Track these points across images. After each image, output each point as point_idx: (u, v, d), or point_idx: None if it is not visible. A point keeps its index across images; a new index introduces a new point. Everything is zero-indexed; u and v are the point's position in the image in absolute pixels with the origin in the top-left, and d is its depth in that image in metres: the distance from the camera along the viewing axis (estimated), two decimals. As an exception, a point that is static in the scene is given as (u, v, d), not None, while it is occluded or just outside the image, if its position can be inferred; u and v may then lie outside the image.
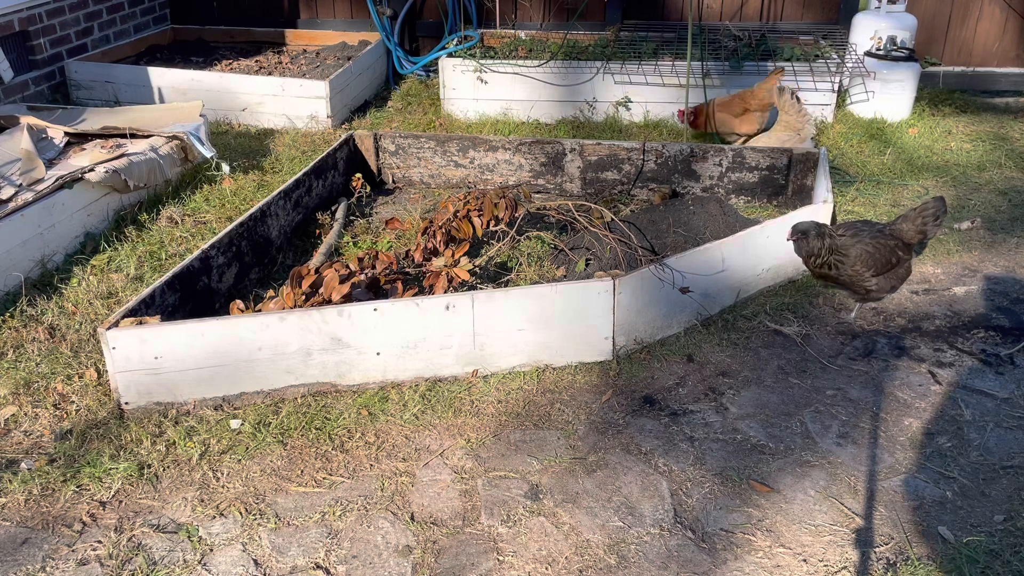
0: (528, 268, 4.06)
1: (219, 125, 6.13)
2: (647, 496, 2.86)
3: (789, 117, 5.24)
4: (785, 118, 5.27)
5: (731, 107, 5.50)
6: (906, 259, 3.72)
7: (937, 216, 3.70)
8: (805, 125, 5.21)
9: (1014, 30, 6.82)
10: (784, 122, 5.27)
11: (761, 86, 5.41)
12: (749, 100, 5.44)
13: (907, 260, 3.73)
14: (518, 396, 3.35)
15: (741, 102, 5.47)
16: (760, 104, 5.42)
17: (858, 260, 3.62)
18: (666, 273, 3.56)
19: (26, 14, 6.14)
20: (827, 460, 3.02)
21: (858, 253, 3.62)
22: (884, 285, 3.70)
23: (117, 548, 2.66)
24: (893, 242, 3.66)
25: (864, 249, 3.62)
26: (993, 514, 2.77)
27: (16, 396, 3.32)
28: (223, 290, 3.87)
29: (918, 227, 3.69)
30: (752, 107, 5.43)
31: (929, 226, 3.70)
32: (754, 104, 5.42)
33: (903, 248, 3.69)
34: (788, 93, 5.20)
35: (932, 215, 3.69)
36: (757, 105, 5.42)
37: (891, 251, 3.65)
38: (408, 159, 5.26)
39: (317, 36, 7.58)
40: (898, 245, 3.67)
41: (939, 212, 3.71)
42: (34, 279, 4.07)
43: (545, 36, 6.85)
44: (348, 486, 2.92)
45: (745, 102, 5.46)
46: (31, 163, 4.39)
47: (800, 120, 5.20)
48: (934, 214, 3.69)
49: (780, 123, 5.29)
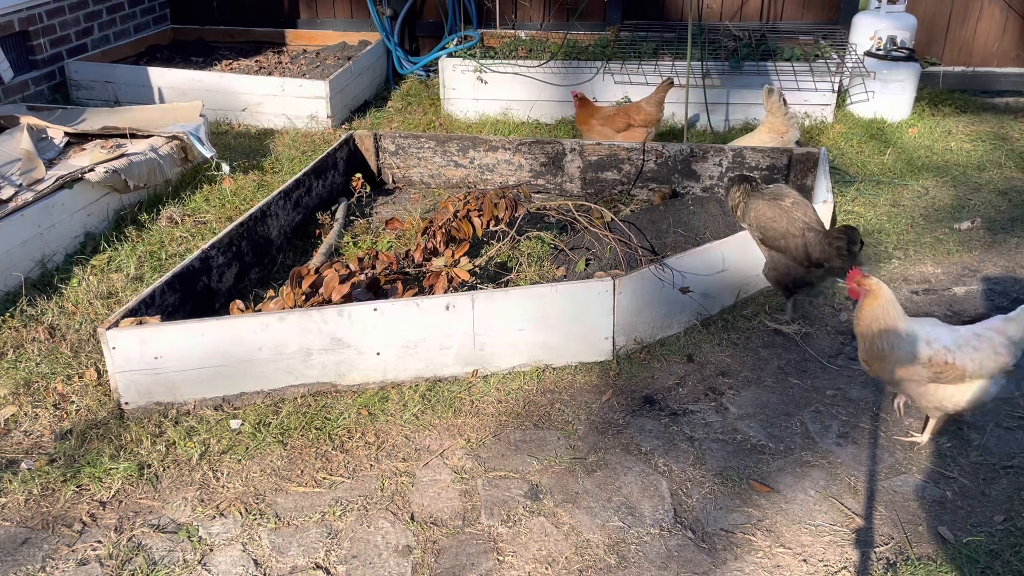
0: (528, 268, 4.06)
1: (219, 125, 6.13)
2: (647, 496, 2.86)
3: (775, 120, 5.07)
4: (771, 120, 5.10)
5: (614, 122, 5.26)
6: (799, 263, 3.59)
7: (841, 248, 3.49)
8: (790, 129, 5.06)
9: (1014, 30, 6.82)
10: (769, 124, 5.12)
11: (648, 100, 5.23)
12: (634, 115, 5.23)
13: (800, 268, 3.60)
14: (518, 396, 3.35)
15: (625, 117, 5.25)
16: (646, 119, 5.21)
17: (755, 222, 3.67)
18: (666, 273, 3.56)
19: (26, 14, 6.13)
20: (827, 460, 3.02)
21: (754, 215, 3.64)
22: (767, 265, 3.69)
23: (117, 548, 2.66)
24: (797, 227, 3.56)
25: (762, 213, 3.61)
26: (993, 514, 2.77)
27: (16, 396, 3.32)
28: (223, 290, 3.87)
29: (822, 245, 3.54)
30: (636, 123, 5.22)
31: (827, 251, 3.52)
32: (639, 119, 5.22)
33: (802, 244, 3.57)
34: (776, 95, 5.03)
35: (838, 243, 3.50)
36: (642, 120, 5.21)
37: (784, 233, 3.57)
38: (408, 159, 5.26)
39: (317, 36, 7.58)
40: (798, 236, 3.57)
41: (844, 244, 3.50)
42: (34, 279, 4.07)
43: (545, 36, 6.85)
44: (348, 486, 2.92)
45: (629, 117, 5.24)
46: (31, 163, 4.39)
47: (785, 123, 5.05)
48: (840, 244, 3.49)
49: (765, 125, 5.15)
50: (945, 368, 2.80)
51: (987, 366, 2.81)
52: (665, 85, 5.19)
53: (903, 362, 2.83)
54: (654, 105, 5.21)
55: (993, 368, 2.82)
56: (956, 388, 2.85)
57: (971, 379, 2.83)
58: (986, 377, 2.84)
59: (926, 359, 2.81)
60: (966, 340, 2.83)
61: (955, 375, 2.81)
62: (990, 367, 2.82)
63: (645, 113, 5.21)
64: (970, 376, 2.82)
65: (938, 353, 2.80)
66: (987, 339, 2.83)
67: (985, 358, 2.81)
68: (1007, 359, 2.82)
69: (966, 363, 2.80)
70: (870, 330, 2.88)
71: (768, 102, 5.08)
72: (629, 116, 5.24)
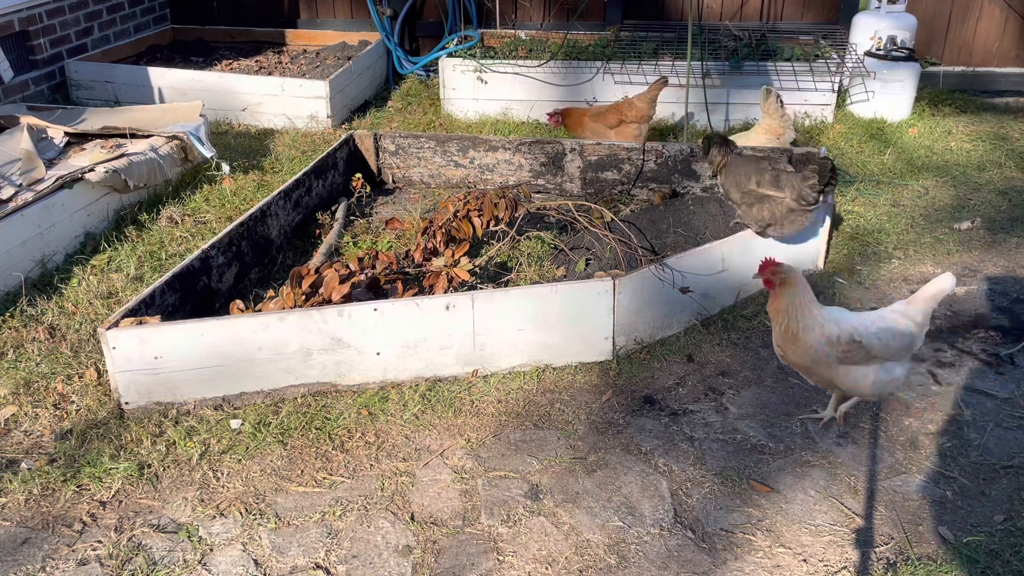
0: (528, 268, 4.06)
1: (219, 125, 6.13)
2: (647, 496, 2.86)
3: (772, 121, 5.09)
4: (767, 122, 5.12)
5: (606, 118, 5.27)
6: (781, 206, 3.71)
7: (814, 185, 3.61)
8: (786, 130, 5.08)
9: (1014, 30, 6.82)
10: (766, 126, 5.13)
11: (641, 97, 5.23)
12: (626, 112, 5.23)
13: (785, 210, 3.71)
14: (518, 396, 3.35)
15: (617, 113, 5.25)
16: (638, 116, 5.21)
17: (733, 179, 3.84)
18: (666, 273, 3.56)
19: (26, 14, 6.13)
20: (827, 460, 3.02)
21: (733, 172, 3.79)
22: (747, 215, 3.81)
23: (117, 548, 2.66)
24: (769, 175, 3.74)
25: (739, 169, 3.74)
26: (993, 514, 2.77)
27: (16, 396, 3.32)
28: (223, 290, 3.87)
29: (796, 189, 3.67)
30: (629, 119, 5.22)
31: (802, 190, 3.64)
32: (631, 116, 5.21)
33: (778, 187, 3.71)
34: (774, 96, 5.05)
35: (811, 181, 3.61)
36: (635, 117, 5.21)
37: (754, 176, 3.75)
38: (408, 159, 5.26)
39: (317, 36, 7.58)
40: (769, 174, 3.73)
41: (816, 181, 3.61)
42: (34, 279, 4.07)
43: (545, 36, 6.85)
44: (348, 486, 2.92)
45: (622, 113, 5.24)
46: (31, 163, 4.39)
47: (782, 125, 5.06)
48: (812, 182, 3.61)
49: (761, 126, 5.16)
50: (852, 347, 2.89)
51: (892, 346, 2.91)
52: (659, 83, 5.20)
53: (814, 344, 2.91)
54: (647, 102, 5.22)
55: (898, 348, 2.93)
56: (865, 369, 2.94)
57: (878, 360, 2.92)
58: (893, 358, 2.94)
59: (835, 338, 2.89)
60: (871, 321, 2.94)
61: (862, 355, 2.90)
62: (895, 347, 2.92)
63: (637, 110, 5.22)
64: (877, 356, 2.91)
65: (845, 332, 2.89)
66: (891, 320, 2.94)
67: (891, 339, 2.91)
68: (909, 340, 2.94)
69: (873, 343, 2.89)
70: (784, 314, 2.96)
71: (765, 103, 5.09)
72: (621, 112, 5.25)
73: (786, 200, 3.70)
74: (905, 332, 2.93)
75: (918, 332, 2.95)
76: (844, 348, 2.89)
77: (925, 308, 2.96)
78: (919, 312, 2.95)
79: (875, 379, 2.95)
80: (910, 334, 2.93)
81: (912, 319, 2.94)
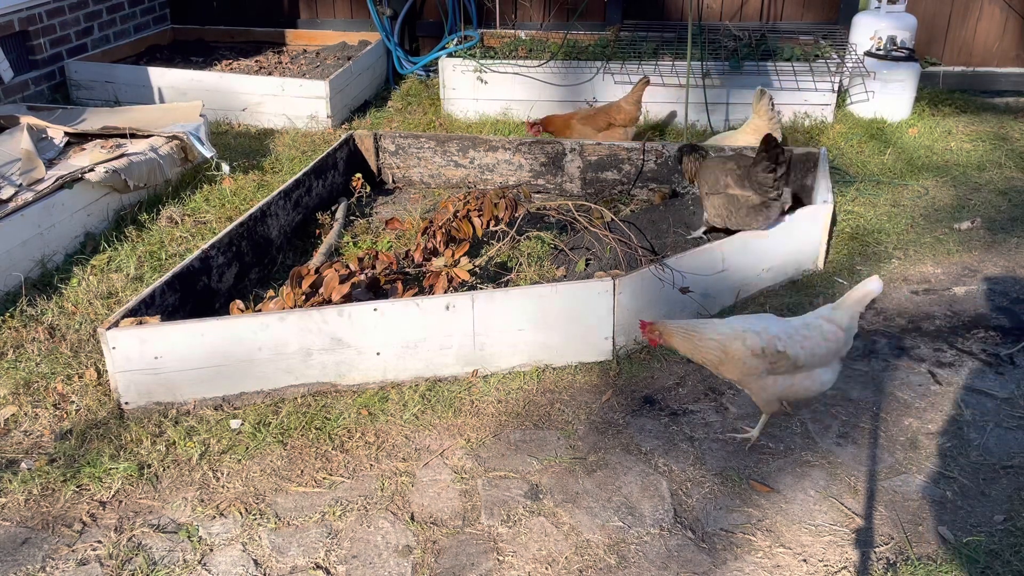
0: (528, 268, 4.06)
1: (219, 125, 6.13)
2: (647, 496, 2.86)
3: (760, 121, 5.10)
4: (756, 122, 5.13)
5: (595, 121, 5.29)
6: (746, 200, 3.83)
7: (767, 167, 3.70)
8: (774, 132, 5.00)
9: (1014, 30, 6.82)
10: (754, 126, 5.13)
11: (627, 99, 5.24)
12: (614, 115, 5.26)
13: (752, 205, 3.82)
14: (518, 396, 3.35)
15: (606, 116, 5.28)
16: (626, 119, 5.24)
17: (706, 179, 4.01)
18: (666, 273, 3.56)
19: (26, 14, 6.14)
20: (827, 460, 3.02)
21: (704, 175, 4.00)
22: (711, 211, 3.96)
23: (117, 548, 2.66)
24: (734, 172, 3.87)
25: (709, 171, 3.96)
26: (993, 514, 2.77)
27: (16, 396, 3.32)
28: (223, 290, 3.87)
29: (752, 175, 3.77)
30: (617, 122, 5.24)
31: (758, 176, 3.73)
32: (619, 119, 5.24)
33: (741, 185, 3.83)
34: (767, 98, 5.07)
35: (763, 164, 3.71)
36: (623, 120, 5.24)
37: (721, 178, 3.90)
38: (408, 159, 5.26)
39: (317, 36, 7.58)
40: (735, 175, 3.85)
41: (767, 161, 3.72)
42: (34, 279, 4.07)
43: (545, 36, 6.85)
44: (348, 486, 2.92)
45: (610, 116, 5.26)
46: (31, 163, 4.39)
47: (770, 126, 5.06)
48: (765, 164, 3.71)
49: (750, 126, 5.17)
50: (778, 357, 2.88)
51: (818, 353, 2.90)
52: (642, 83, 5.22)
53: (740, 359, 2.91)
54: (633, 104, 5.24)
55: (824, 355, 2.92)
56: (793, 378, 2.94)
57: (805, 367, 2.92)
58: (820, 365, 2.93)
59: (759, 350, 2.89)
60: (795, 329, 2.93)
61: (788, 364, 2.89)
62: (820, 354, 2.91)
63: (625, 113, 5.24)
64: (803, 364, 2.90)
65: (769, 343, 2.89)
66: (815, 327, 2.93)
67: (815, 346, 2.89)
68: (836, 345, 2.92)
69: (797, 351, 2.88)
70: (694, 356, 3.00)
71: (758, 104, 5.12)
72: (610, 116, 5.28)
73: (750, 195, 3.80)
74: (832, 338, 2.91)
75: (845, 336, 2.94)
76: (771, 360, 2.89)
77: (852, 312, 2.95)
78: (845, 316, 2.94)
79: (801, 387, 2.95)
80: (836, 339, 2.92)
81: (838, 324, 2.93)
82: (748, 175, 3.79)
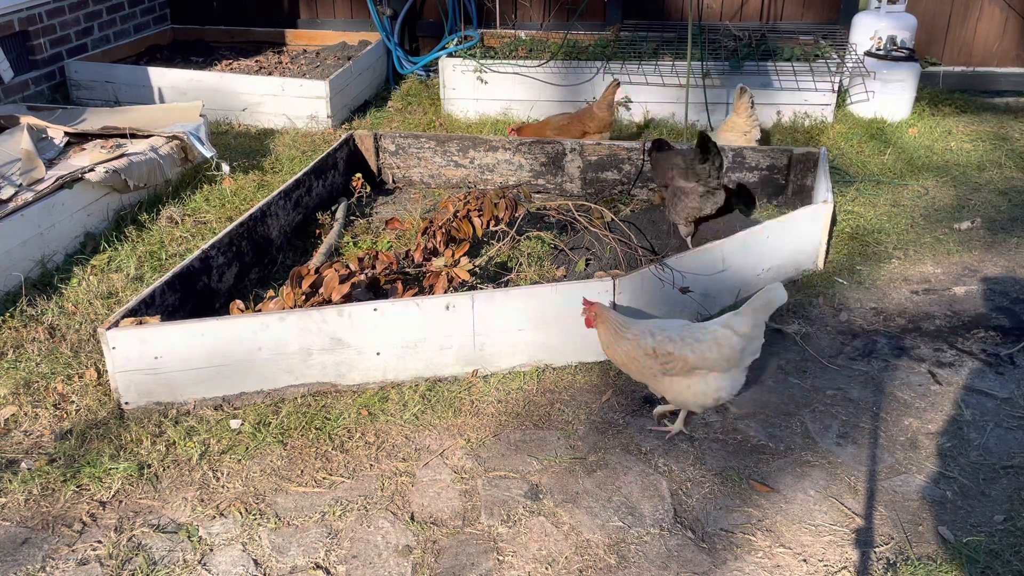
0: (528, 268, 4.06)
1: (219, 125, 6.13)
2: (647, 496, 2.86)
3: (739, 119, 5.10)
4: (735, 119, 5.13)
5: (569, 130, 5.24)
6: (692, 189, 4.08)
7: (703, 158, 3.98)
8: (752, 129, 5.09)
9: (1014, 30, 6.82)
10: (731, 123, 5.14)
11: (599, 105, 5.21)
12: (588, 123, 5.21)
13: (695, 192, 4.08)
14: (518, 396, 3.35)
15: (580, 124, 5.23)
16: (599, 125, 5.20)
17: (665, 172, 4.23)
18: (666, 273, 3.56)
19: (26, 14, 6.14)
20: (827, 460, 3.02)
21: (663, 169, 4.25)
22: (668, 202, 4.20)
23: (117, 548, 2.66)
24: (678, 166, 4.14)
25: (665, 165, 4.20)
26: (993, 514, 2.77)
27: (16, 396, 3.32)
28: (223, 290, 3.87)
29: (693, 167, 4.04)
30: (591, 130, 5.20)
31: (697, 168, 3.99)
32: (593, 126, 5.20)
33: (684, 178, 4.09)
34: (747, 96, 5.06)
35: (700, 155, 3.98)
36: (596, 127, 5.20)
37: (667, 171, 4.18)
38: (408, 159, 5.26)
39: (317, 36, 7.58)
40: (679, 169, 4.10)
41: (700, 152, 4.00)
42: (34, 279, 4.07)
43: (545, 36, 6.85)
44: (348, 486, 2.92)
45: (584, 125, 5.22)
46: (31, 163, 4.39)
47: (748, 124, 5.08)
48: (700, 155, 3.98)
49: (727, 124, 5.18)
50: (670, 358, 2.92)
51: (709, 357, 2.92)
52: (613, 86, 5.20)
53: (637, 357, 2.97)
54: (605, 109, 5.21)
55: (716, 359, 2.93)
56: (689, 381, 2.96)
57: (699, 370, 2.94)
58: (715, 369, 2.95)
59: (651, 350, 2.93)
60: (691, 332, 2.96)
61: (681, 365, 2.93)
62: (712, 358, 2.92)
63: (599, 120, 5.21)
64: (695, 367, 2.92)
65: (661, 343, 2.93)
66: (710, 332, 2.95)
67: (706, 349, 2.92)
68: (729, 352, 2.93)
69: (687, 353, 2.92)
70: (607, 350, 3.10)
71: (738, 102, 5.12)
72: (584, 124, 5.24)
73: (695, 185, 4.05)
74: (725, 343, 2.92)
75: (743, 343, 2.94)
76: (663, 360, 2.93)
77: (754, 320, 2.95)
78: (745, 323, 2.95)
79: (696, 390, 2.98)
80: (730, 346, 2.92)
81: (735, 330, 2.94)
82: (690, 168, 4.05)
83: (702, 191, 4.05)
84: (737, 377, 3.01)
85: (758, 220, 4.21)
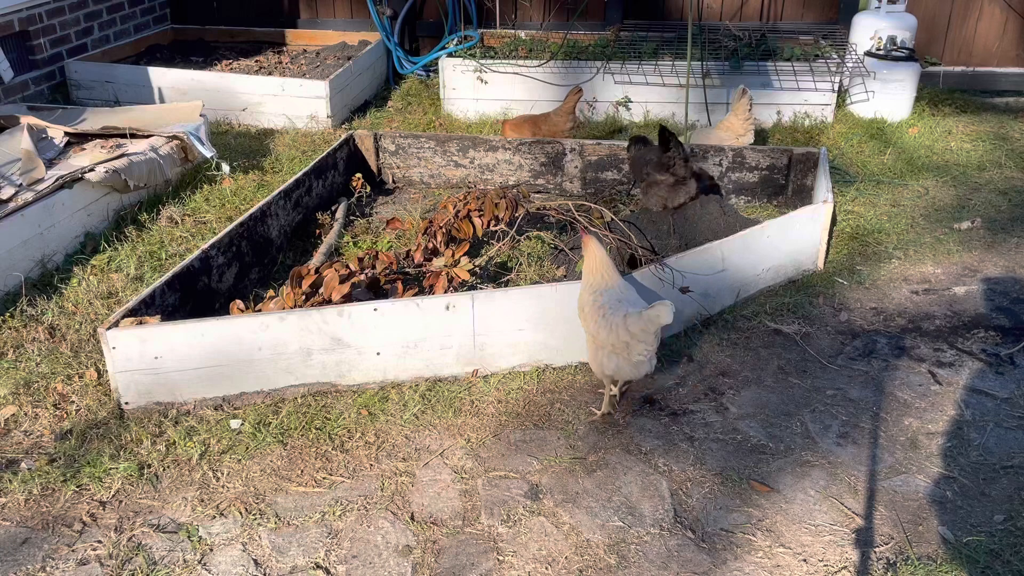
0: (528, 268, 4.06)
1: (219, 125, 6.13)
2: (647, 496, 2.86)
3: (735, 120, 5.10)
4: (731, 120, 5.13)
5: (520, 131, 5.24)
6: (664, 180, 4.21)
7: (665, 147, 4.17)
8: (747, 132, 5.09)
9: (1014, 30, 6.82)
10: (727, 124, 5.14)
11: (558, 111, 5.19)
12: (542, 126, 5.19)
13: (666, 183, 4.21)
14: (518, 396, 3.35)
15: (534, 127, 5.22)
16: (553, 131, 5.18)
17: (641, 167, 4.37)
18: (666, 273, 3.56)
19: (26, 14, 6.14)
20: (827, 460, 3.02)
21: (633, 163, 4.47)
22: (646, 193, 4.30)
23: (117, 548, 2.66)
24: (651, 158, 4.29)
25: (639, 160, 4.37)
26: (993, 514, 2.77)
27: (16, 396, 3.32)
28: (223, 290, 3.87)
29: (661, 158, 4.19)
30: (543, 134, 5.20)
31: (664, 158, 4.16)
32: (545, 130, 5.19)
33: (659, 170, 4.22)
34: (747, 99, 5.06)
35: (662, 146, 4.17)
36: (548, 132, 5.18)
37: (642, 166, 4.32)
38: (408, 159, 5.26)
39: (317, 36, 7.58)
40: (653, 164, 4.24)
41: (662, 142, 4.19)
42: (34, 279, 4.07)
43: (545, 36, 6.85)
44: (348, 486, 2.92)
45: (538, 128, 5.21)
46: (31, 163, 4.39)
47: (743, 126, 5.08)
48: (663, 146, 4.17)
49: (723, 124, 5.18)
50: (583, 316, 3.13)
51: (600, 335, 3.04)
52: (574, 93, 5.20)
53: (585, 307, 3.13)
54: (563, 116, 5.19)
55: (606, 339, 3.02)
56: (595, 347, 3.11)
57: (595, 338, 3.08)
58: (606, 348, 3.05)
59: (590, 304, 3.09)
60: (611, 305, 3.04)
61: (589, 329, 3.10)
62: (603, 336, 3.03)
63: (552, 124, 5.19)
64: (592, 335, 3.09)
65: (599, 307, 3.05)
66: (618, 313, 3.00)
67: (601, 327, 3.03)
68: (615, 339, 2.99)
69: (590, 322, 3.08)
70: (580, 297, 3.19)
71: (738, 103, 5.11)
72: (538, 127, 5.25)
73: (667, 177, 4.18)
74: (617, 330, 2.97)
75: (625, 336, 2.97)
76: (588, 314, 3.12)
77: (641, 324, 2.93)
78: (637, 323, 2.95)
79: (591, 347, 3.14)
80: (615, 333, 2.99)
81: (627, 326, 2.97)
82: (660, 160, 4.19)
83: (672, 181, 4.19)
84: (625, 367, 3.06)
85: (758, 220, 4.21)
